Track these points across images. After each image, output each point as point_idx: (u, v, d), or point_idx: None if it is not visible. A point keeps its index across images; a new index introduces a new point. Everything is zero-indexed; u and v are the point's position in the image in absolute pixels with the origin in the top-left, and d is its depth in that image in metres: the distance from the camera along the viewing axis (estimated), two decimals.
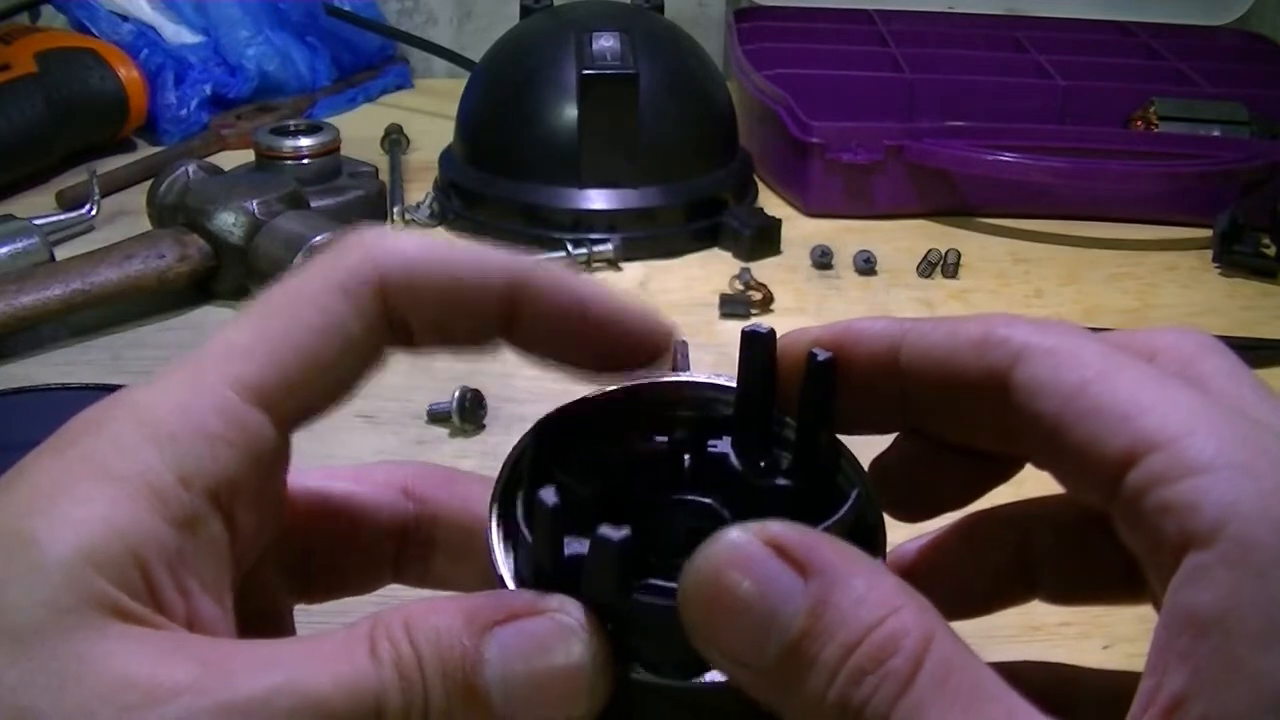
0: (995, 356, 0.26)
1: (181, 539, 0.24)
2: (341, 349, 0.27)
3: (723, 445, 0.30)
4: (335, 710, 0.23)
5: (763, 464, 0.29)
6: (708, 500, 0.30)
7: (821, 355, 0.28)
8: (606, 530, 0.24)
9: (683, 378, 0.30)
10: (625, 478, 0.29)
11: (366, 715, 0.23)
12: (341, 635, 0.24)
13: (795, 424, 0.29)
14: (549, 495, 0.25)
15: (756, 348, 0.29)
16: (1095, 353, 0.25)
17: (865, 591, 0.23)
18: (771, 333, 0.29)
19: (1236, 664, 0.21)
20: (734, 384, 0.30)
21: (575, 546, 0.26)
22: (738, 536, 0.23)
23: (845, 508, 0.27)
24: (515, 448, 0.29)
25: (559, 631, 0.25)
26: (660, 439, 0.30)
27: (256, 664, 0.23)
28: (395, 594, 0.30)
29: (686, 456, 0.30)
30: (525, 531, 0.27)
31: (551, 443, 0.29)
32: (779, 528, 0.23)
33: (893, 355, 0.28)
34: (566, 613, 0.25)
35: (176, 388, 0.25)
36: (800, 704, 0.23)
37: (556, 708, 0.24)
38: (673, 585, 0.24)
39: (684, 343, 0.32)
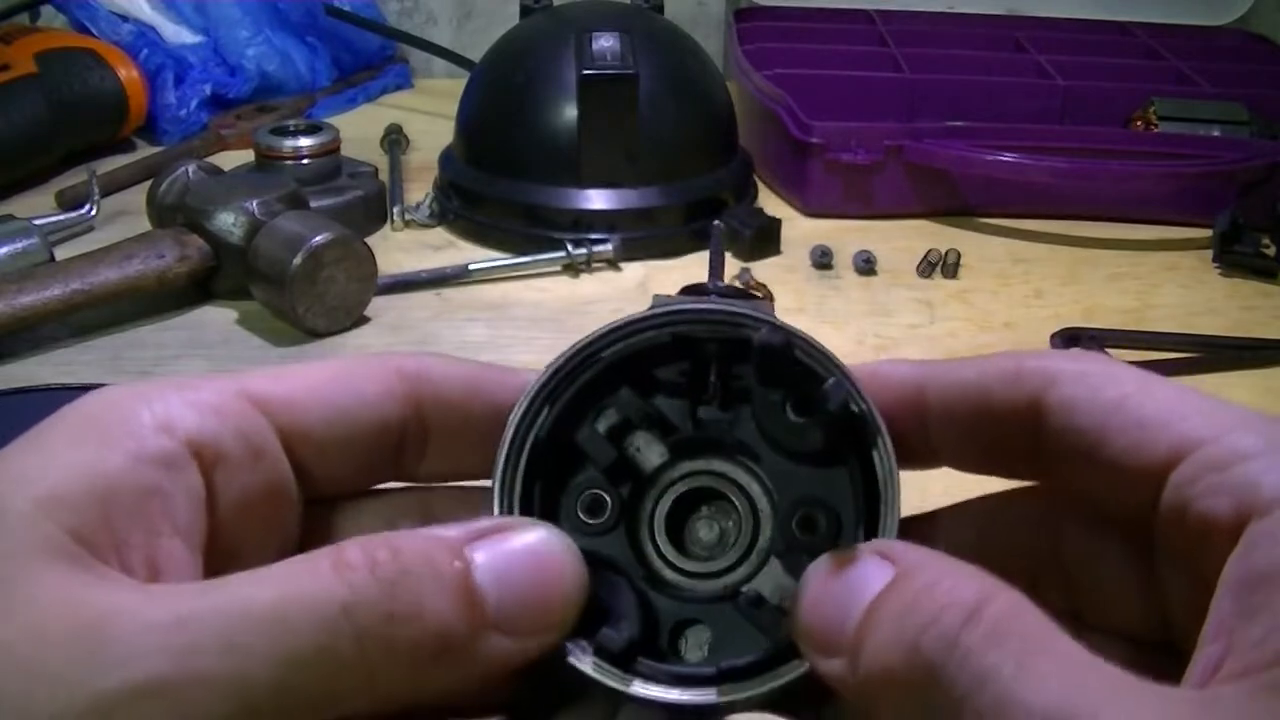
0: (1029, 384, 0.28)
1: (154, 476, 0.25)
2: (351, 393, 0.29)
3: (747, 373, 0.30)
4: (284, 622, 0.23)
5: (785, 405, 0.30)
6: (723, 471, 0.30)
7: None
8: (608, 633, 0.26)
9: (704, 305, 0.30)
10: (653, 408, 0.30)
11: (327, 622, 0.23)
12: (297, 557, 0.24)
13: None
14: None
15: (767, 360, 0.29)
16: (1128, 372, 0.28)
17: (939, 561, 0.25)
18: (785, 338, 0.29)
19: None
20: (758, 311, 0.30)
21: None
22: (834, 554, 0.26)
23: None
24: (527, 395, 0.29)
25: (547, 539, 0.26)
26: (683, 365, 0.30)
27: (195, 590, 0.24)
28: None
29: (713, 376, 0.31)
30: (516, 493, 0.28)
31: (573, 381, 0.30)
32: (880, 543, 0.26)
33: (918, 395, 0.30)
34: (552, 531, 0.26)
35: (178, 378, 0.28)
36: (870, 655, 0.24)
37: (545, 614, 0.26)
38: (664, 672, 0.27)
39: (719, 226, 0.32)
